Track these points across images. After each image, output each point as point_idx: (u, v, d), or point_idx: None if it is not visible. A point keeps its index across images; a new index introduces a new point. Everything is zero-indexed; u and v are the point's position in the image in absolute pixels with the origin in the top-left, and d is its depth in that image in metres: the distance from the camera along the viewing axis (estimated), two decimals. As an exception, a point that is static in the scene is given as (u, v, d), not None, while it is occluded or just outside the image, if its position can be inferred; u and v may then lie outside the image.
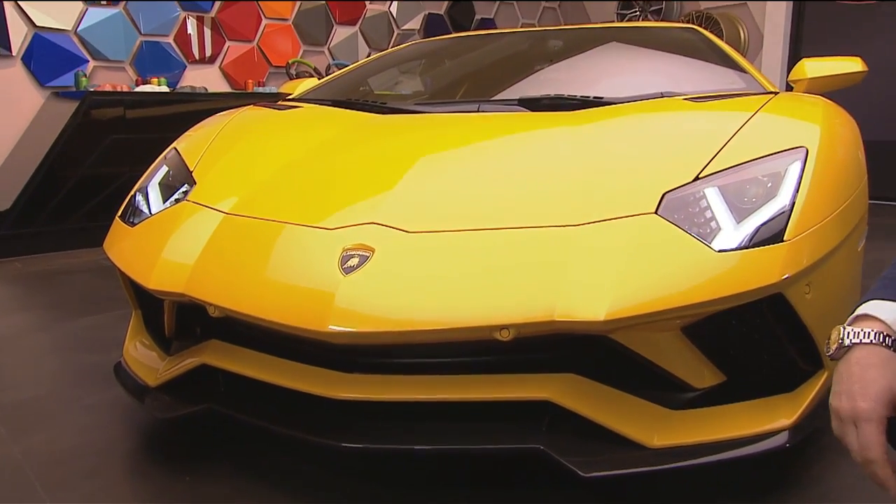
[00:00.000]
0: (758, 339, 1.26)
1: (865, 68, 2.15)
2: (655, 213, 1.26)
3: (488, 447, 1.22)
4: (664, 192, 1.30)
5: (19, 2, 3.84)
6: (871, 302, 0.82)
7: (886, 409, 0.74)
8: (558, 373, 1.25)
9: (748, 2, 5.54)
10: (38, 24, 3.91)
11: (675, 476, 1.36)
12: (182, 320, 1.52)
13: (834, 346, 0.82)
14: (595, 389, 1.24)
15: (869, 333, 0.78)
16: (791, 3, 5.32)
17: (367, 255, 1.25)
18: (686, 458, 1.18)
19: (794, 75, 2.20)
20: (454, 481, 1.38)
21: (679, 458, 1.18)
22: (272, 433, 1.33)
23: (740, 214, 1.25)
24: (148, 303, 1.63)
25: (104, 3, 4.14)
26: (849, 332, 0.80)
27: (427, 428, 1.27)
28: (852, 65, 2.14)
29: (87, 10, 4.08)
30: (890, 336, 0.78)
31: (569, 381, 1.24)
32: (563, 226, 1.27)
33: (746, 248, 1.20)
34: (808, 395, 1.27)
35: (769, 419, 1.23)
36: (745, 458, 1.19)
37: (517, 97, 1.97)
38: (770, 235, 1.22)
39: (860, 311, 0.82)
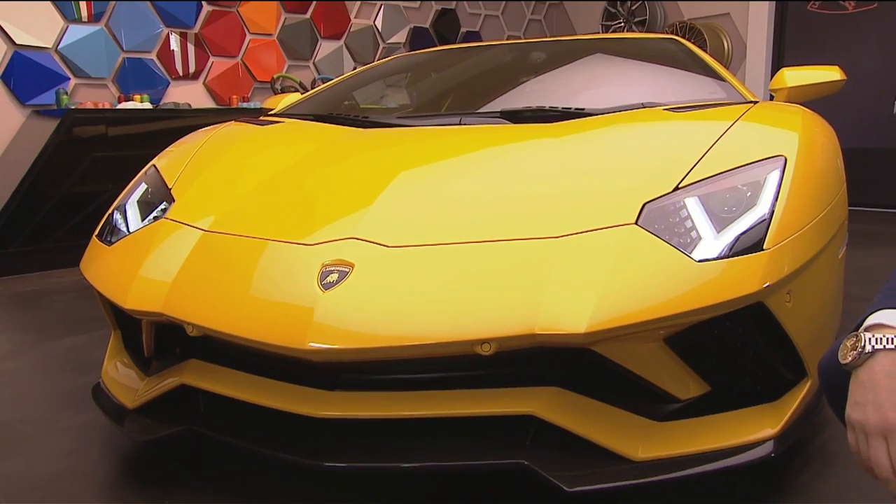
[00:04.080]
0: (740, 348, 1.27)
1: (844, 77, 2.18)
2: (636, 223, 1.27)
3: (472, 463, 1.21)
4: (644, 202, 1.31)
5: (-1, 20, 3.83)
6: (882, 311, 0.76)
7: None
8: (542, 386, 1.25)
9: (732, 11, 5.62)
10: (17, 42, 3.90)
11: (662, 488, 1.35)
12: (161, 340, 1.50)
13: (851, 354, 0.75)
14: (579, 402, 1.24)
15: (892, 339, 0.72)
16: (772, 12, 5.41)
17: (347, 270, 1.25)
18: (671, 471, 1.17)
19: (774, 84, 2.23)
20: (442, 497, 1.37)
21: (664, 471, 1.17)
22: (253, 454, 1.31)
23: (720, 224, 1.26)
24: (127, 323, 1.61)
25: (85, 20, 4.13)
26: (870, 338, 0.73)
27: (410, 445, 1.25)
28: (831, 74, 2.17)
29: (67, 27, 4.08)
30: None
31: (552, 394, 1.24)
32: (544, 238, 1.27)
33: (727, 257, 1.20)
34: (792, 403, 1.27)
35: (754, 429, 1.23)
36: (730, 468, 1.19)
37: (500, 109, 1.98)
38: (750, 244, 1.22)
39: (872, 320, 0.76)
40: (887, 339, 0.72)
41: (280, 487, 1.42)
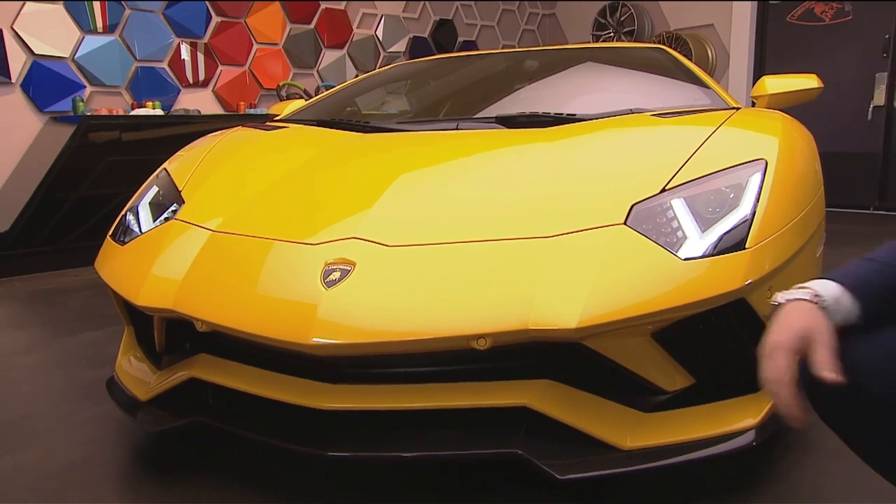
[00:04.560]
0: (724, 342, 1.27)
1: (821, 84, 2.18)
2: (624, 223, 1.27)
3: (469, 452, 1.21)
4: (633, 203, 1.30)
5: (19, 31, 3.82)
6: (812, 280, 0.87)
7: (800, 343, 0.78)
8: (535, 379, 1.24)
9: (716, 22, 5.62)
10: (36, 52, 3.89)
11: (649, 475, 1.35)
12: (172, 335, 1.50)
13: (770, 307, 0.87)
14: (570, 394, 1.23)
15: (800, 294, 0.83)
16: (754, 23, 5.41)
17: (349, 268, 1.24)
18: (658, 459, 1.17)
19: (755, 91, 2.23)
20: (442, 485, 1.37)
21: (651, 459, 1.17)
22: (260, 444, 1.30)
23: (705, 224, 1.26)
24: (139, 319, 1.60)
25: (100, 31, 4.12)
26: (781, 294, 0.85)
27: (410, 435, 1.25)
28: (809, 81, 2.17)
29: (83, 38, 4.06)
30: (820, 298, 0.82)
31: (545, 387, 1.23)
32: (537, 237, 1.26)
33: (711, 255, 1.20)
34: (773, 395, 1.27)
35: (736, 419, 1.23)
36: (714, 457, 1.19)
37: (495, 115, 1.98)
38: (733, 243, 1.22)
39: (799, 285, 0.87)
40: (795, 293, 0.84)
41: (286, 476, 1.42)
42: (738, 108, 1.86)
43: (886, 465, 0.88)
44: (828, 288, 0.83)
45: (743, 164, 1.37)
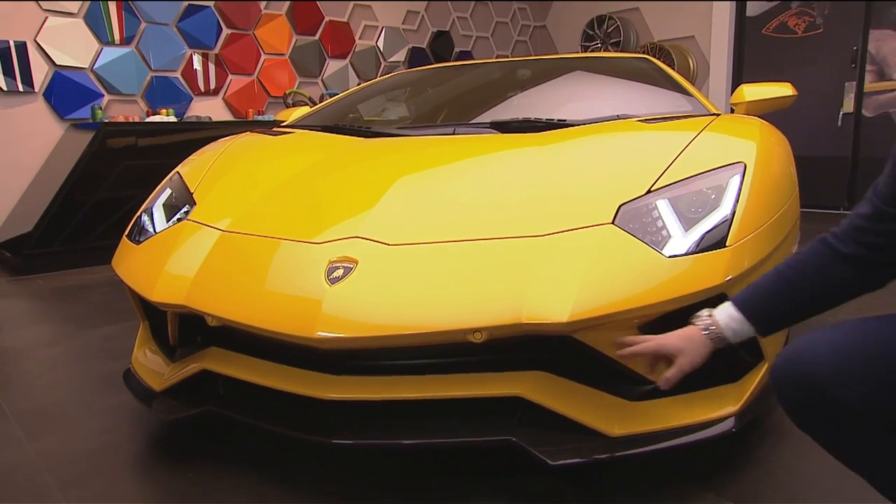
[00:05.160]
0: (706, 335, 1.25)
1: (795, 92, 2.17)
2: (612, 223, 1.26)
3: (466, 440, 1.20)
4: (620, 204, 1.30)
5: (41, 43, 3.79)
6: (722, 306, 1.02)
7: (665, 357, 1.05)
8: (528, 371, 1.24)
9: (696, 33, 5.61)
10: (57, 62, 3.86)
11: (635, 461, 1.34)
12: (185, 329, 1.48)
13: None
14: (562, 385, 1.23)
15: (702, 323, 1.03)
16: (732, 35, 5.40)
17: (351, 266, 1.23)
18: (644, 445, 1.16)
19: (734, 99, 2.22)
20: (443, 473, 1.36)
21: (637, 446, 1.16)
22: (268, 432, 1.29)
23: (688, 223, 1.25)
24: (154, 314, 1.59)
25: (118, 42, 4.10)
26: (698, 315, 1.05)
27: (410, 423, 1.24)
28: (784, 89, 2.16)
29: (102, 49, 4.04)
30: (713, 329, 1.01)
31: (538, 378, 1.22)
32: (530, 236, 1.25)
33: (693, 253, 1.19)
34: (751, 383, 1.26)
35: (717, 407, 1.22)
36: (696, 443, 1.18)
37: (490, 120, 1.96)
38: (714, 242, 1.21)
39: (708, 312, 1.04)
40: (694, 319, 1.05)
41: (292, 463, 1.41)
42: (718, 115, 1.86)
43: (865, 469, 0.87)
44: (728, 320, 0.99)
45: (723, 166, 1.36)
